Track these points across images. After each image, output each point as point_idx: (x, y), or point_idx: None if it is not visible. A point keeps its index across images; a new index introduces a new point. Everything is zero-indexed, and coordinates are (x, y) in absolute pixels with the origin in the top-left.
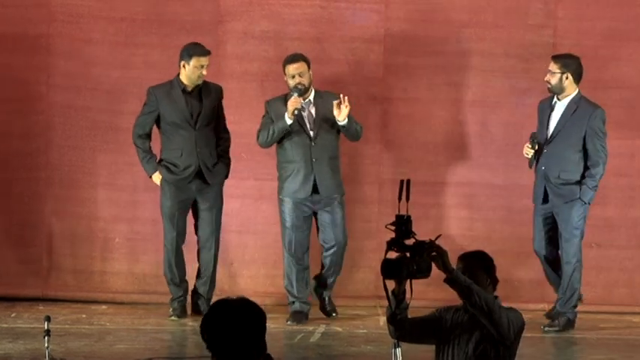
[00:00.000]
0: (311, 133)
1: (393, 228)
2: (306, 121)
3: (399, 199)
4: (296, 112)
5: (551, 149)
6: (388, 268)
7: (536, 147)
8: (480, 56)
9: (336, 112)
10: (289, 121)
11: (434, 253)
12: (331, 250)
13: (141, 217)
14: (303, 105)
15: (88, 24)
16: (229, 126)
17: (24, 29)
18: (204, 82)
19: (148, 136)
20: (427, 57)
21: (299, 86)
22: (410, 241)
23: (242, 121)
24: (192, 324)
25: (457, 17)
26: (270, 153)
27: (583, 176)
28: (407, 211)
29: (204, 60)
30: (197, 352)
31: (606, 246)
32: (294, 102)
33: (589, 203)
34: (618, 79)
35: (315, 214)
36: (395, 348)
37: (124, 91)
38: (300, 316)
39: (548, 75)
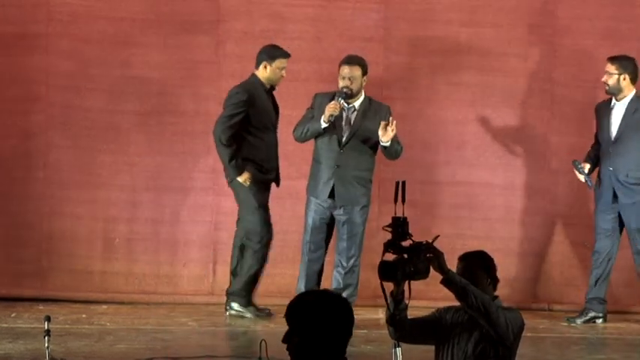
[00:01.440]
0: (343, 139)
1: (389, 230)
2: (343, 125)
3: (395, 200)
4: (331, 118)
5: (617, 150)
6: (385, 270)
7: (584, 167)
8: (479, 56)
9: (381, 132)
10: (324, 125)
11: (430, 255)
12: (343, 264)
13: (140, 217)
14: (344, 110)
15: (88, 24)
16: None
17: (23, 29)
18: None
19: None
20: (427, 56)
21: (345, 90)
22: (407, 243)
23: None
24: (192, 324)
25: (456, 17)
26: None
27: None
28: (403, 213)
29: (285, 62)
30: (198, 352)
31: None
32: (332, 107)
33: None
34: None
35: (334, 217)
36: (395, 348)
37: (123, 90)
38: None
39: (605, 76)
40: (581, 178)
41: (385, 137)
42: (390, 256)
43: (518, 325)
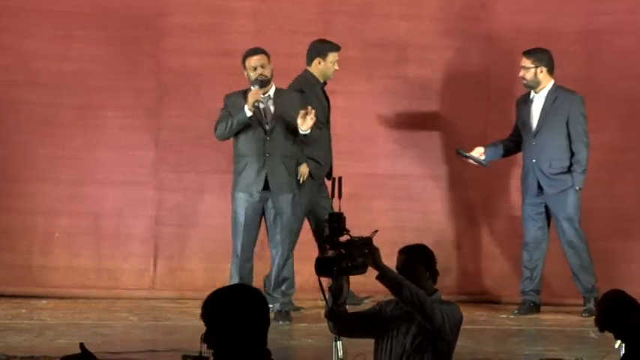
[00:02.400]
0: (267, 127)
1: (327, 225)
2: (264, 115)
3: (332, 196)
4: (256, 103)
5: (539, 141)
6: (321, 266)
7: (466, 153)
8: (418, 49)
9: (300, 120)
10: (249, 113)
11: (365, 251)
12: (278, 257)
13: (81, 211)
14: (262, 99)
15: (27, 17)
16: (170, 119)
17: None
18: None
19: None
20: (366, 50)
21: (261, 77)
22: (344, 238)
23: (183, 115)
24: (133, 318)
25: (395, 10)
26: (210, 146)
27: (570, 163)
28: (340, 208)
29: (337, 55)
30: (139, 347)
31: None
32: (254, 93)
33: (581, 188)
34: (556, 72)
35: (264, 210)
36: (335, 341)
37: (62, 84)
38: None
39: (522, 71)
40: (472, 160)
41: (305, 126)
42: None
43: (455, 318)
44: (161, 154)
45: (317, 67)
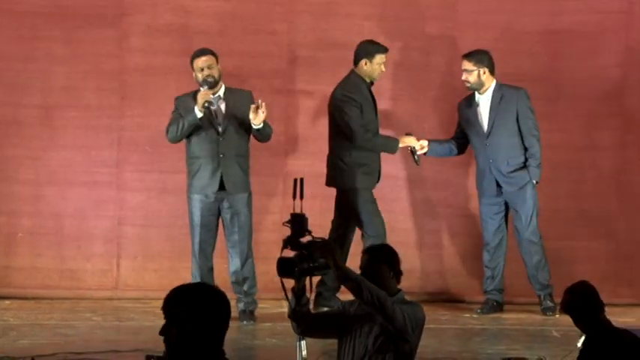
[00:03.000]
0: (219, 128)
1: (289, 225)
2: (215, 116)
3: (294, 197)
4: (206, 104)
5: (493, 141)
6: (282, 266)
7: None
8: None
9: (252, 115)
10: (199, 114)
11: (325, 252)
12: (237, 257)
13: (44, 211)
14: (213, 99)
15: None
16: (133, 119)
17: None
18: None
19: (376, 134)
20: (330, 50)
21: (208, 79)
22: (306, 239)
23: (146, 115)
24: (97, 318)
25: (359, 10)
26: (173, 146)
27: (525, 159)
28: (301, 210)
29: (384, 57)
30: (102, 347)
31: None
32: (204, 94)
33: (538, 182)
34: (518, 72)
35: (220, 211)
36: (299, 341)
37: (26, 84)
38: None
39: (464, 74)
40: (414, 157)
41: (257, 120)
42: (293, 252)
43: (417, 318)
44: (124, 154)
45: (363, 68)
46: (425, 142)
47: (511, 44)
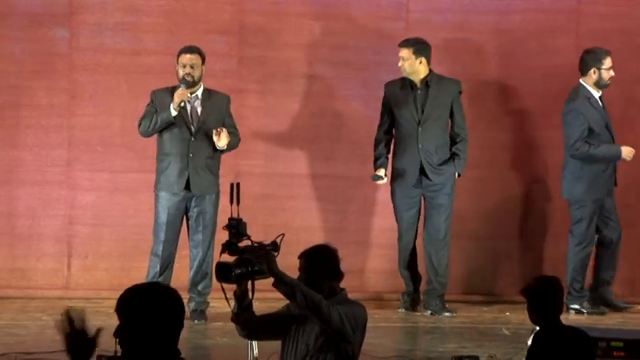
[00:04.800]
0: (192, 127)
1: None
2: (190, 115)
3: (231, 202)
4: (182, 104)
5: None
6: (220, 271)
7: (381, 172)
8: (333, 49)
9: (215, 138)
10: (174, 113)
11: (260, 257)
12: (198, 256)
13: None
14: (190, 99)
15: None
16: (84, 118)
17: None
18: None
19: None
20: (281, 49)
21: (187, 77)
22: (244, 243)
23: (97, 114)
24: (47, 318)
25: (309, 10)
26: (124, 145)
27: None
28: (238, 214)
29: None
30: (52, 347)
31: (459, 237)
32: (181, 94)
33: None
34: (470, 71)
35: (187, 210)
36: (251, 341)
37: None
38: None
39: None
40: (383, 181)
41: (221, 142)
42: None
43: (357, 319)
44: (74, 153)
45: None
46: (383, 170)
47: (462, 43)
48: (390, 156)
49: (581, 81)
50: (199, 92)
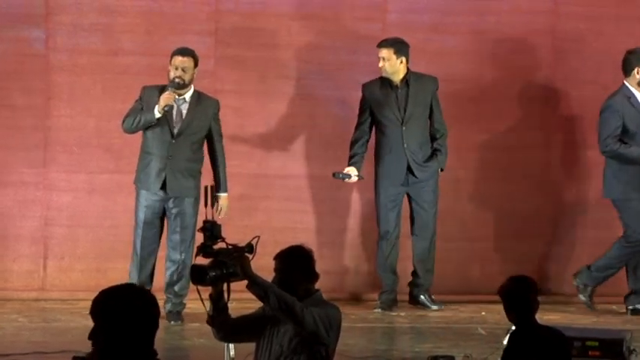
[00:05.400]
0: (174, 130)
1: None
2: (174, 117)
3: (205, 204)
4: (167, 107)
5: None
6: (195, 274)
7: (347, 172)
8: (310, 49)
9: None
10: (157, 115)
11: (234, 259)
12: (176, 257)
13: None
14: (177, 100)
15: None
16: (60, 119)
17: None
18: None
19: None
20: (258, 50)
21: (177, 80)
22: (219, 246)
23: (73, 115)
24: (23, 320)
25: (286, 10)
26: (100, 146)
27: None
28: (212, 216)
29: (382, 51)
30: (28, 349)
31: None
32: (167, 98)
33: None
34: (447, 72)
35: (165, 211)
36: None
37: None
38: None
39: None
40: (351, 179)
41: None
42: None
43: (331, 320)
44: (51, 154)
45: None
46: (355, 170)
47: (439, 44)
48: (369, 157)
49: (624, 81)
50: (188, 95)
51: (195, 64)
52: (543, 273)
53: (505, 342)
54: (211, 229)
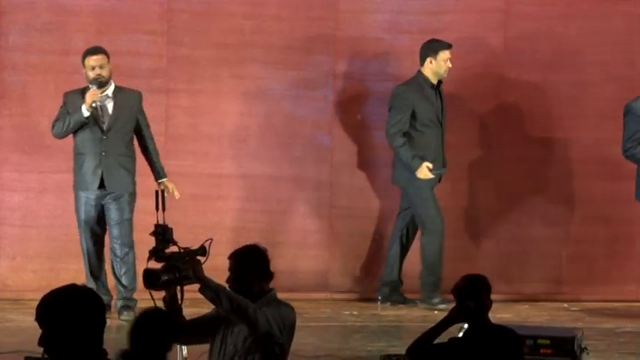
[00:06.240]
0: (104, 126)
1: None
2: (101, 114)
3: (157, 209)
4: (94, 104)
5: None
6: (147, 278)
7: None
8: (263, 49)
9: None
10: (86, 114)
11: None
12: (117, 252)
13: None
14: (101, 98)
15: None
16: (12, 119)
17: None
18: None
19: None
20: (211, 49)
21: (99, 78)
22: (171, 250)
23: (25, 114)
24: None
25: (239, 9)
26: (53, 146)
27: None
28: (164, 221)
29: (449, 53)
30: None
31: (387, 236)
32: (92, 94)
33: None
34: (400, 71)
35: (104, 208)
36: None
37: None
38: None
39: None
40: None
41: (176, 191)
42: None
43: (285, 320)
44: (3, 153)
45: (428, 66)
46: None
47: (392, 44)
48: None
49: None
50: (110, 91)
51: (109, 59)
52: (495, 271)
53: (460, 334)
54: (163, 233)
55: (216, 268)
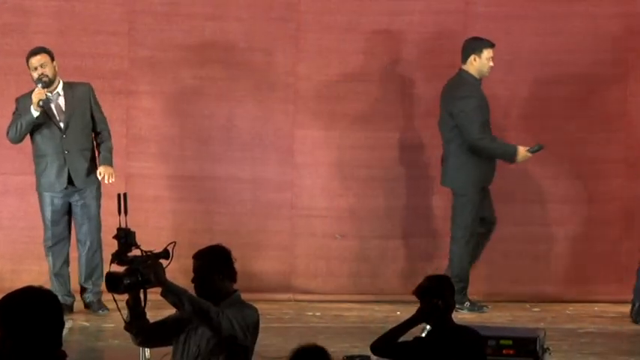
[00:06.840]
0: (61, 124)
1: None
2: (55, 112)
3: (119, 212)
4: (41, 103)
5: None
6: (109, 282)
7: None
8: (225, 50)
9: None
10: (35, 113)
11: (147, 266)
12: (86, 248)
13: None
14: (50, 97)
15: None
16: None
17: None
18: None
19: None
20: (172, 50)
21: (43, 78)
22: (135, 253)
23: None
24: None
25: (201, 10)
26: (14, 148)
27: None
28: (126, 224)
29: (492, 52)
30: None
31: (349, 236)
32: (38, 94)
33: None
34: (362, 72)
35: (70, 206)
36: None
37: None
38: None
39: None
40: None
41: (110, 179)
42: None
43: (248, 322)
44: None
45: (472, 64)
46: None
47: (353, 45)
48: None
49: None
50: (59, 89)
51: (52, 58)
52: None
53: (423, 335)
54: (125, 237)
55: (179, 270)
